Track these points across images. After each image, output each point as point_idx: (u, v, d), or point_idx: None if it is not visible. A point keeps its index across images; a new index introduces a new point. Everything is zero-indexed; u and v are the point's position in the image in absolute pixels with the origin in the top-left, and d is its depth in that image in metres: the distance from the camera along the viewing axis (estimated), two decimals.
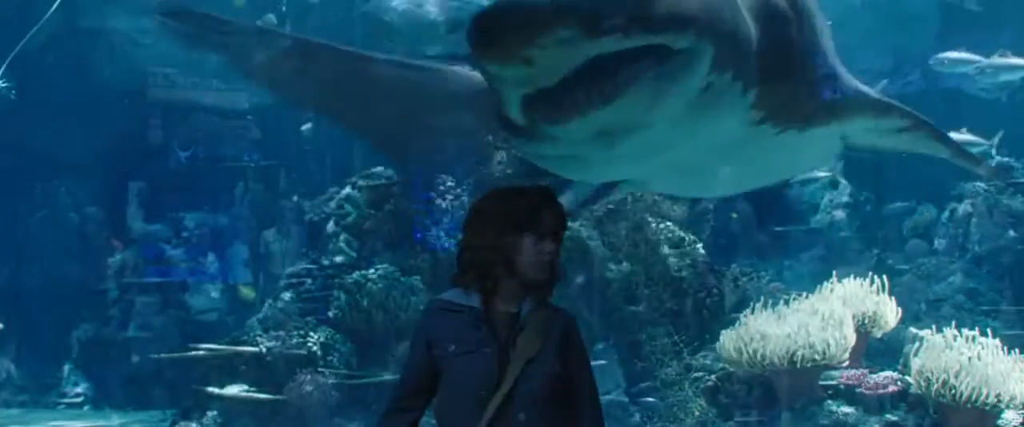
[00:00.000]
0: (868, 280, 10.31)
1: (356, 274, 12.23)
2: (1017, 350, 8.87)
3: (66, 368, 15.59)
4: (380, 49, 14.21)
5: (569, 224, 11.33)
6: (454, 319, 3.85)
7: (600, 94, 4.95)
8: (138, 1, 16.95)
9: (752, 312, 9.76)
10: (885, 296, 10.18)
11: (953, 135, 13.47)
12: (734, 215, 14.22)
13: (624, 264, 11.49)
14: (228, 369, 11.89)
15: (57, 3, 15.55)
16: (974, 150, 13.36)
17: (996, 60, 14.09)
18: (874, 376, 9.45)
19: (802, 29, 5.99)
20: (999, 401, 8.46)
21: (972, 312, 12.87)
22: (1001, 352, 8.70)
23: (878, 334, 10.13)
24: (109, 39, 17.24)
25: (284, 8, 17.26)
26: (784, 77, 5.94)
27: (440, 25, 11.74)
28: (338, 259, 12.78)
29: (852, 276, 10.46)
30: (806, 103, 6.22)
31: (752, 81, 5.70)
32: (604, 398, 10.66)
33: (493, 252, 3.82)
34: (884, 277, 10.34)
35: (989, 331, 9.00)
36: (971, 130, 13.31)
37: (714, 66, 5.34)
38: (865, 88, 6.59)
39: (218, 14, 6.37)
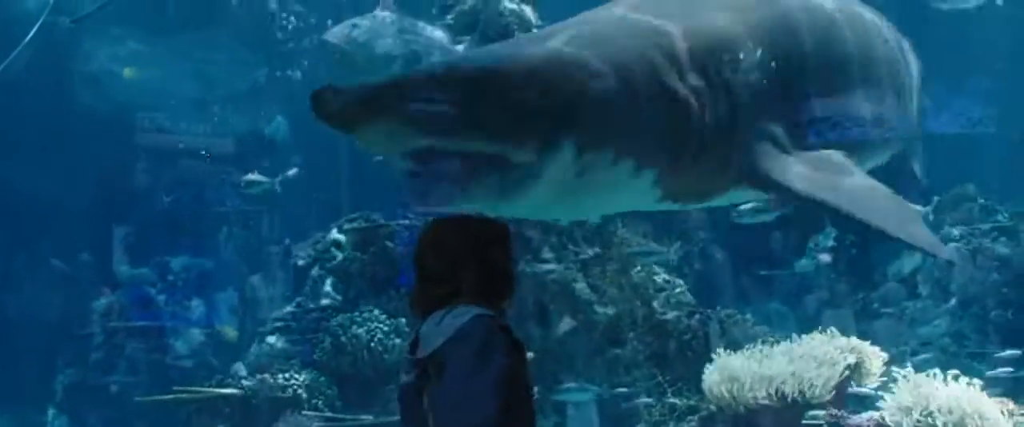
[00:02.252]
0: (852, 323, 10.33)
1: (341, 317, 12.25)
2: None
3: (50, 412, 15.51)
4: (335, 78, 14.29)
5: (554, 266, 11.42)
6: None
7: (445, 192, 4.93)
8: (117, 32, 16.98)
9: (737, 351, 9.79)
10: (867, 344, 10.19)
11: None
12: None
13: (609, 307, 11.51)
14: (213, 411, 11.86)
15: (33, 30, 15.50)
16: None
17: None
18: (855, 417, 9.45)
19: (714, 108, 5.74)
20: None
21: (957, 355, 12.89)
22: (982, 391, 8.72)
23: (862, 377, 10.13)
24: (89, 72, 17.21)
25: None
26: (686, 162, 5.74)
27: (396, 59, 11.91)
28: (324, 302, 12.79)
29: (836, 320, 10.48)
30: (712, 182, 6.09)
31: (646, 165, 5.54)
32: None
33: (504, 272, 3.96)
34: (869, 320, 10.37)
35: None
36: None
37: (579, 158, 5.19)
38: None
39: None
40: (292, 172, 17.32)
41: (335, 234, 13.30)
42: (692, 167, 5.74)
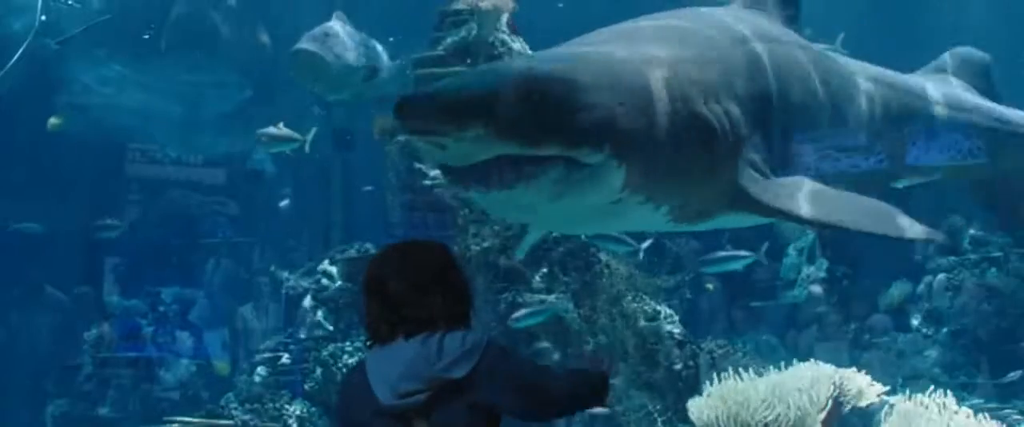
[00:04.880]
0: (845, 354, 10.31)
1: (332, 347, 12.23)
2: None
3: None
4: (298, 89, 14.38)
5: (545, 298, 11.40)
6: None
7: (499, 184, 5.25)
8: (101, 54, 16.95)
9: (726, 379, 9.75)
10: (858, 373, 10.17)
11: None
12: (709, 287, 14.28)
13: (600, 337, 11.50)
14: None
15: (19, 52, 15.44)
16: None
17: None
18: None
19: (721, 142, 6.10)
20: None
21: (949, 386, 12.85)
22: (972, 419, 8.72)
23: (852, 407, 10.09)
24: (74, 94, 17.18)
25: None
26: (695, 191, 6.20)
27: (359, 70, 12.04)
28: (315, 333, 12.78)
29: (828, 351, 10.46)
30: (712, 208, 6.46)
31: (666, 198, 6.00)
32: None
33: (467, 294, 4.07)
34: (860, 351, 10.35)
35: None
36: None
37: (626, 184, 5.60)
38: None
39: None
40: (283, 203, 17.34)
41: (326, 265, 13.30)
42: (699, 196, 6.24)
